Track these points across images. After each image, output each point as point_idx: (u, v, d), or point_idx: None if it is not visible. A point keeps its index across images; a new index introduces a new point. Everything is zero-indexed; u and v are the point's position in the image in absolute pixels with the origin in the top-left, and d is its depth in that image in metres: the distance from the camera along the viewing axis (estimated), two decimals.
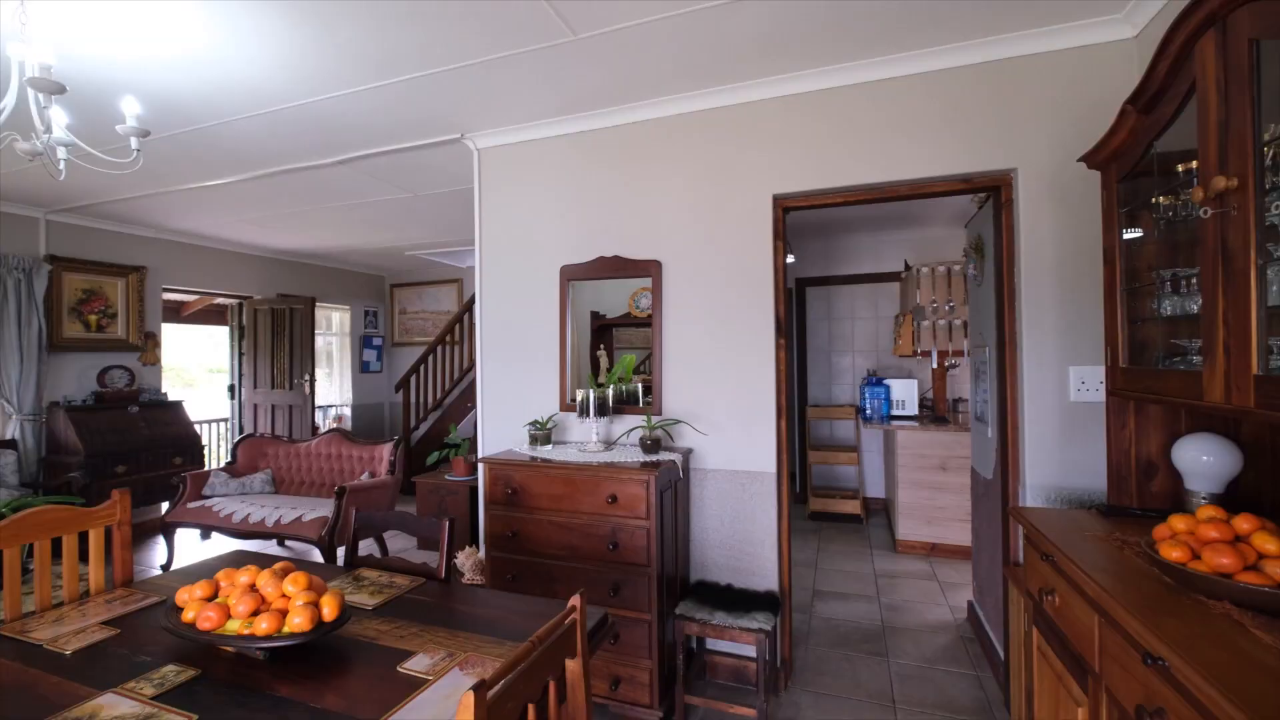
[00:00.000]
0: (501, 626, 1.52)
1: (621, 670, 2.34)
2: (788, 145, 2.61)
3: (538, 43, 2.26)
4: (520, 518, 2.49)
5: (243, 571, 1.46)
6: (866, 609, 3.43)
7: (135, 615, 1.59)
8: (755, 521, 2.65)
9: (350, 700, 1.20)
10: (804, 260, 5.76)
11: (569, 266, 2.99)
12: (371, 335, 7.77)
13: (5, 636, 1.47)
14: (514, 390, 3.12)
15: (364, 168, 3.68)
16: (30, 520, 1.65)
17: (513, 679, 1.01)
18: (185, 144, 3.24)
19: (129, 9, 2.02)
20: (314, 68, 2.43)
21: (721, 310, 2.71)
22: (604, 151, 2.94)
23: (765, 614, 2.36)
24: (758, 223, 2.66)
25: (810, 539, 4.74)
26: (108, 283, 5.04)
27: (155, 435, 4.87)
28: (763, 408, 2.64)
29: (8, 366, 4.29)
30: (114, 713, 1.15)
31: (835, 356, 5.82)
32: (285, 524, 3.86)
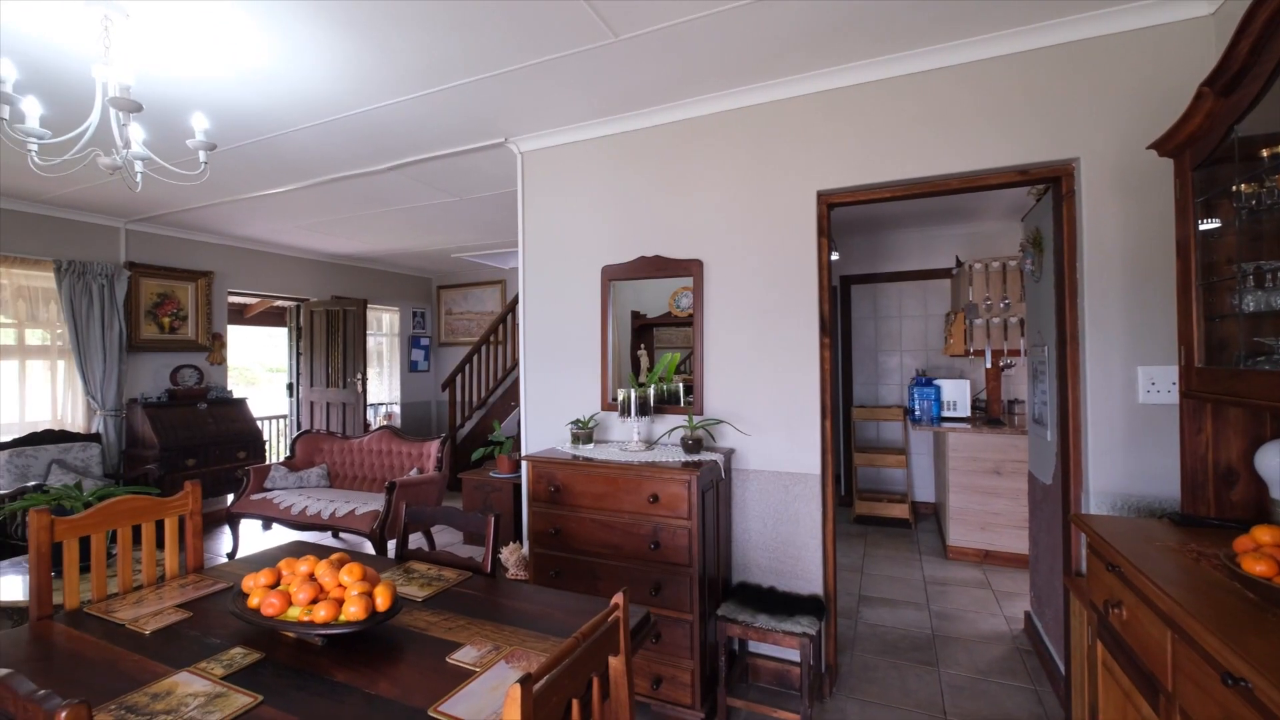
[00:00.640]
0: (545, 622, 1.55)
1: (663, 670, 2.34)
2: (831, 140, 2.56)
3: (579, 45, 2.28)
4: (563, 515, 2.52)
5: (302, 561, 1.53)
6: (916, 616, 3.32)
7: (206, 600, 1.69)
8: (799, 524, 2.61)
9: (403, 688, 1.24)
10: (849, 257, 5.63)
11: (610, 267, 3.01)
12: (419, 335, 8.02)
13: (92, 615, 1.59)
14: (556, 389, 3.17)
15: (412, 173, 3.80)
16: (114, 508, 1.77)
17: (558, 674, 1.02)
18: (248, 155, 3.42)
19: (197, 30, 2.14)
20: (366, 78, 2.52)
21: (764, 309, 2.68)
22: (644, 151, 2.95)
23: (809, 618, 2.32)
24: (801, 220, 2.61)
25: (856, 543, 4.62)
26: (179, 287, 5.37)
27: (221, 431, 5.16)
28: (807, 408, 2.59)
29: (93, 366, 4.63)
30: (188, 690, 1.22)
31: (882, 356, 5.66)
32: (340, 517, 4.02)
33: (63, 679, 1.28)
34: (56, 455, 4.26)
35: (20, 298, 4.40)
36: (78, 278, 4.55)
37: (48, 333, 4.55)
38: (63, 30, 2.10)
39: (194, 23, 2.09)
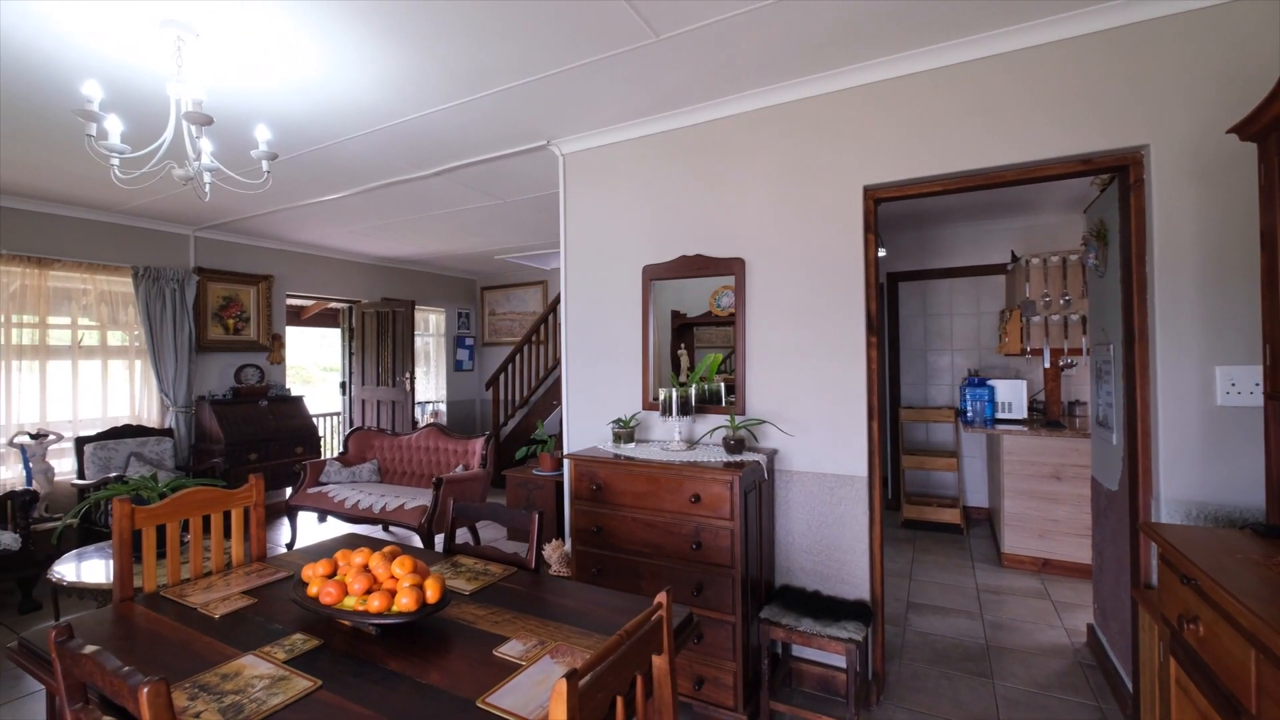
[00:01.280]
0: (589, 618, 1.56)
1: (705, 670, 2.33)
2: (878, 134, 2.49)
3: (620, 46, 2.29)
4: (605, 513, 2.54)
5: (357, 553, 1.60)
6: (968, 625, 3.20)
7: (269, 587, 1.78)
8: (844, 527, 2.55)
9: (452, 678, 1.28)
10: (896, 253, 5.46)
11: (651, 266, 3.01)
12: (464, 335, 8.22)
13: (167, 598, 1.70)
14: (597, 389, 3.19)
15: (457, 178, 3.90)
16: (187, 499, 1.89)
17: (602, 670, 1.03)
18: (305, 164, 3.58)
19: (257, 45, 2.25)
20: (414, 86, 2.60)
21: (808, 307, 2.63)
22: (686, 150, 2.94)
23: (855, 623, 2.27)
24: (846, 216, 2.55)
25: (904, 548, 4.49)
26: (242, 290, 5.67)
27: (280, 427, 5.42)
28: (853, 409, 2.53)
29: (166, 365, 4.94)
30: (254, 672, 1.29)
31: (932, 355, 5.47)
32: (390, 511, 4.17)
33: (143, 657, 1.37)
34: (134, 448, 4.57)
35: (103, 302, 4.73)
36: (152, 282, 4.86)
37: (126, 334, 4.88)
38: (140, 52, 2.25)
39: (254, 38, 2.20)
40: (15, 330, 4.27)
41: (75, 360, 4.61)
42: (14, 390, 4.26)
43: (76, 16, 2.03)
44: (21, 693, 2.66)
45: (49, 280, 4.43)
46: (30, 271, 4.32)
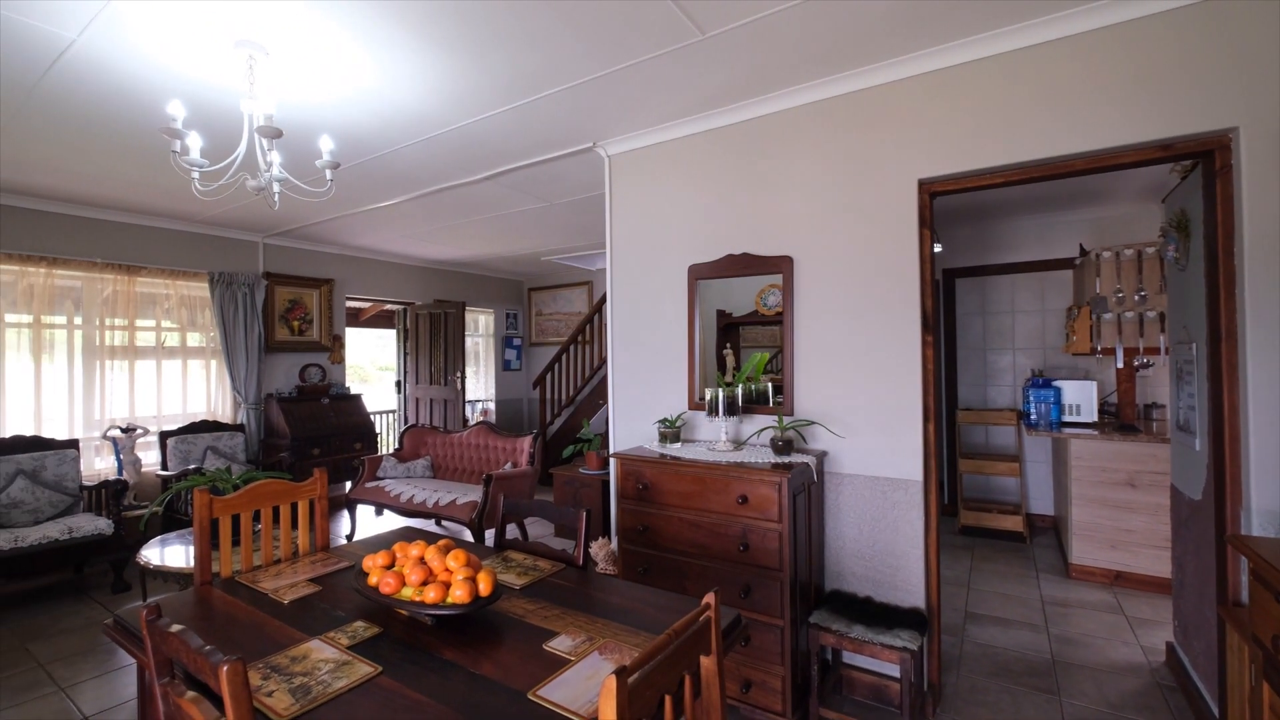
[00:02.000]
0: (636, 617, 1.57)
1: (753, 674, 2.30)
2: (934, 125, 2.40)
3: (666, 46, 2.29)
4: (651, 513, 2.54)
5: (413, 545, 1.66)
6: (1032, 639, 3.05)
7: (332, 576, 1.87)
8: (898, 532, 2.47)
9: (504, 670, 1.31)
10: (953, 249, 5.25)
11: (697, 265, 3.00)
12: (512, 336, 8.40)
13: (241, 584, 1.80)
14: (643, 388, 3.20)
15: (506, 181, 3.99)
16: (258, 491, 2.00)
17: (651, 668, 1.03)
18: (363, 172, 3.74)
19: (320, 60, 2.36)
20: (465, 94, 2.67)
21: (859, 306, 2.56)
22: (732, 148, 2.91)
23: (910, 632, 2.19)
24: (900, 211, 2.47)
25: (961, 555, 4.31)
26: (306, 293, 5.97)
27: (341, 424, 5.68)
28: (907, 410, 2.45)
29: (238, 364, 5.26)
30: (321, 656, 1.36)
31: (991, 355, 5.23)
32: (442, 505, 4.30)
33: (220, 637, 1.47)
34: (210, 443, 4.88)
35: (183, 305, 5.08)
36: (226, 287, 5.18)
37: (203, 335, 5.22)
38: (217, 71, 2.40)
39: (317, 54, 2.31)
40: (108, 332, 4.63)
41: (159, 360, 4.96)
42: (107, 388, 4.62)
43: (161, 41, 2.18)
44: (115, 665, 2.89)
45: (137, 286, 4.78)
46: (121, 278, 4.68)
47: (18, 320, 4.22)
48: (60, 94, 2.61)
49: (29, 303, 4.25)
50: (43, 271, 4.29)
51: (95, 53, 2.26)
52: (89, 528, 3.72)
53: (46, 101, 2.68)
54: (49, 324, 4.35)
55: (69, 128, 2.97)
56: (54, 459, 4.04)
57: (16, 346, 4.23)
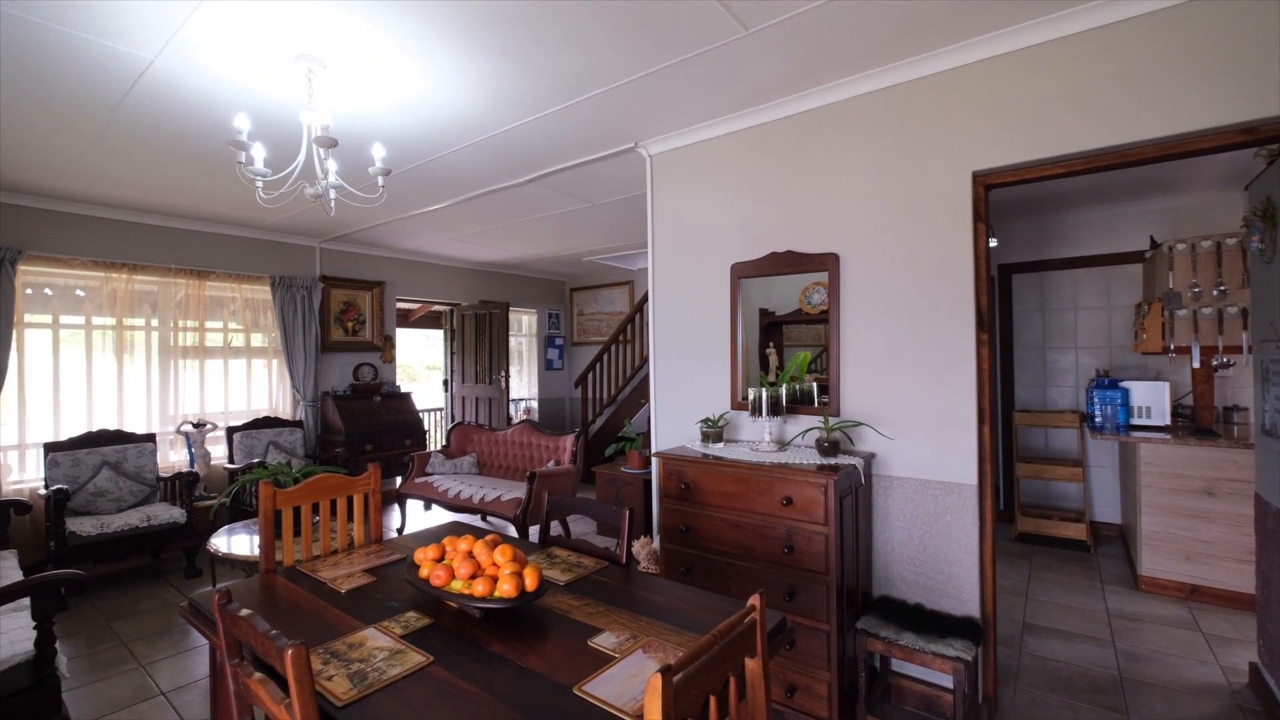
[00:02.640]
0: (680, 616, 1.57)
1: (797, 679, 2.27)
2: (990, 114, 2.30)
3: (709, 43, 2.28)
4: (693, 513, 2.53)
5: (462, 540, 1.70)
6: (1097, 653, 2.89)
7: (386, 567, 1.94)
8: (950, 538, 2.38)
9: (550, 664, 1.33)
10: (1009, 243, 5.02)
11: (739, 264, 2.97)
12: (554, 335, 8.52)
13: (302, 572, 1.89)
14: (685, 388, 3.19)
15: (548, 183, 4.04)
16: (317, 484, 2.10)
17: (696, 668, 1.03)
18: (413, 177, 3.86)
19: (371, 71, 2.45)
20: (509, 98, 2.72)
21: (909, 303, 2.48)
22: (775, 144, 2.87)
23: (964, 641, 2.11)
24: (953, 205, 2.38)
25: (1018, 564, 4.12)
26: (359, 295, 6.21)
27: (391, 421, 5.88)
28: (960, 411, 2.36)
29: (297, 363, 5.52)
30: (376, 643, 1.41)
31: (1051, 354, 4.98)
32: (488, 502, 4.40)
33: (284, 622, 1.54)
34: (272, 438, 5.14)
35: (247, 308, 5.37)
36: (286, 290, 5.45)
37: (265, 336, 5.51)
38: (278, 85, 2.52)
39: (369, 64, 2.40)
40: (180, 333, 4.94)
41: (226, 360, 5.26)
42: (180, 385, 4.93)
43: (229, 58, 2.31)
44: (189, 646, 3.08)
45: (206, 290, 5.08)
46: (192, 282, 4.98)
47: (103, 322, 4.55)
48: (140, 112, 2.79)
49: (112, 306, 4.58)
50: (124, 277, 4.61)
51: (170, 72, 2.42)
52: (165, 516, 3.98)
53: (128, 119, 2.88)
54: (129, 326, 4.68)
55: (148, 143, 3.19)
56: (134, 451, 4.34)
57: (102, 347, 4.56)
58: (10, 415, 4.13)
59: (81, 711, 2.47)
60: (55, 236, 4.30)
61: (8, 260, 3.97)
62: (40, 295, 4.31)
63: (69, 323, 4.43)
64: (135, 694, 2.64)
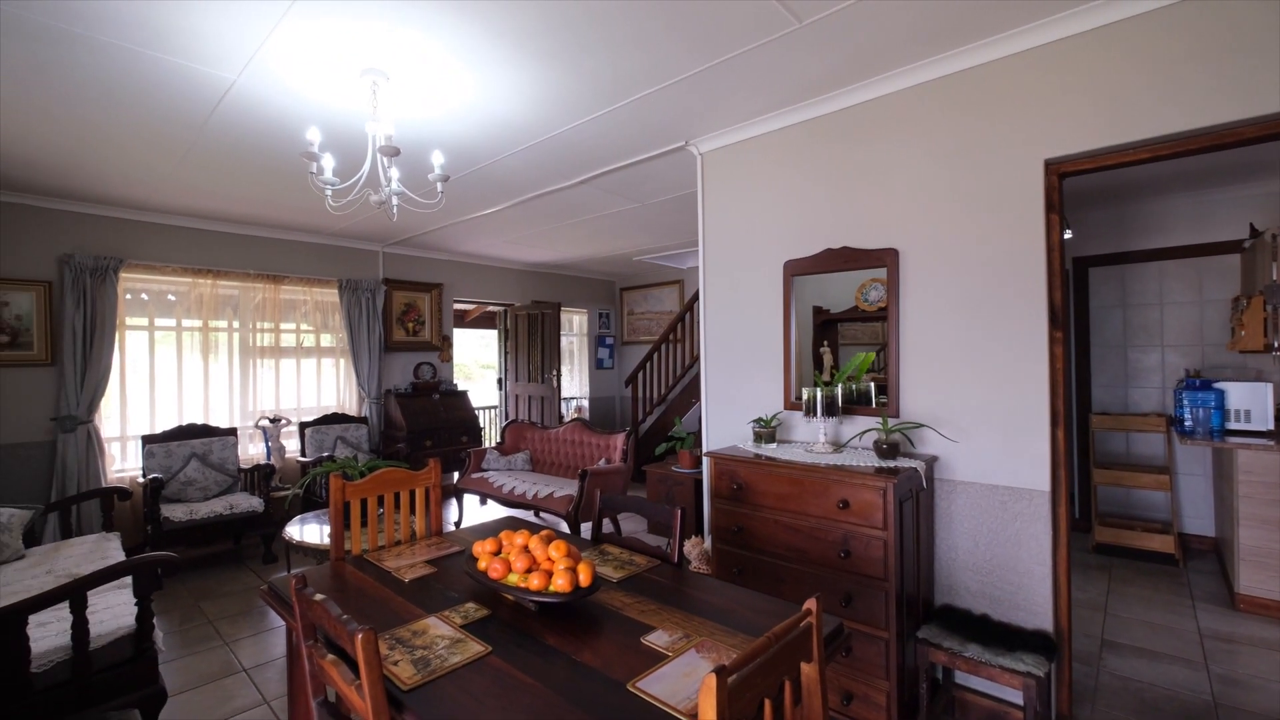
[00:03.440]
0: (733, 617, 1.56)
1: (854, 686, 2.21)
2: (1064, 98, 2.16)
3: (761, 38, 2.24)
4: (745, 514, 2.51)
5: (518, 535, 1.74)
6: (1187, 676, 2.67)
7: (446, 559, 2.01)
8: (1020, 546, 2.26)
9: (604, 660, 1.34)
10: (1085, 235, 4.71)
11: (792, 261, 2.91)
12: (604, 335, 8.60)
13: (369, 561, 1.99)
14: (737, 387, 3.16)
15: (599, 185, 4.08)
16: (383, 478, 2.20)
17: (751, 670, 1.02)
18: (469, 182, 3.98)
19: (429, 81, 2.54)
20: (561, 101, 2.77)
21: (975, 300, 2.37)
22: (830, 137, 2.80)
23: (1035, 656, 2.00)
24: (1023, 195, 2.26)
25: (1095, 576, 3.87)
26: (419, 297, 6.46)
27: (449, 418, 6.09)
28: (1031, 413, 2.23)
29: (362, 362, 5.80)
30: (437, 632, 1.47)
31: (1134, 352, 4.64)
32: (541, 498, 4.49)
33: (353, 608, 1.63)
34: (339, 433, 5.42)
35: (317, 310, 5.68)
36: (352, 293, 5.73)
37: (333, 336, 5.81)
38: (346, 98, 2.66)
39: (427, 75, 2.49)
40: (258, 334, 5.28)
41: (298, 359, 5.58)
42: (258, 383, 5.27)
43: (302, 75, 2.45)
44: (268, 627, 3.29)
45: (280, 293, 5.41)
46: (268, 286, 5.31)
47: (191, 324, 4.92)
48: (223, 129, 3.00)
49: (199, 309, 4.94)
50: (209, 282, 4.97)
51: (250, 91, 2.58)
52: (245, 505, 4.26)
53: (213, 136, 3.10)
54: (214, 327, 5.03)
55: (230, 157, 3.42)
56: (219, 444, 4.67)
57: (190, 347, 4.93)
58: (113, 409, 4.52)
59: (174, 683, 2.68)
60: (150, 246, 4.68)
61: (111, 268, 4.35)
62: (138, 300, 4.71)
63: (162, 325, 4.82)
64: (220, 669, 2.84)
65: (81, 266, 4.22)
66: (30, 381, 4.16)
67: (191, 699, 2.60)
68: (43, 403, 4.19)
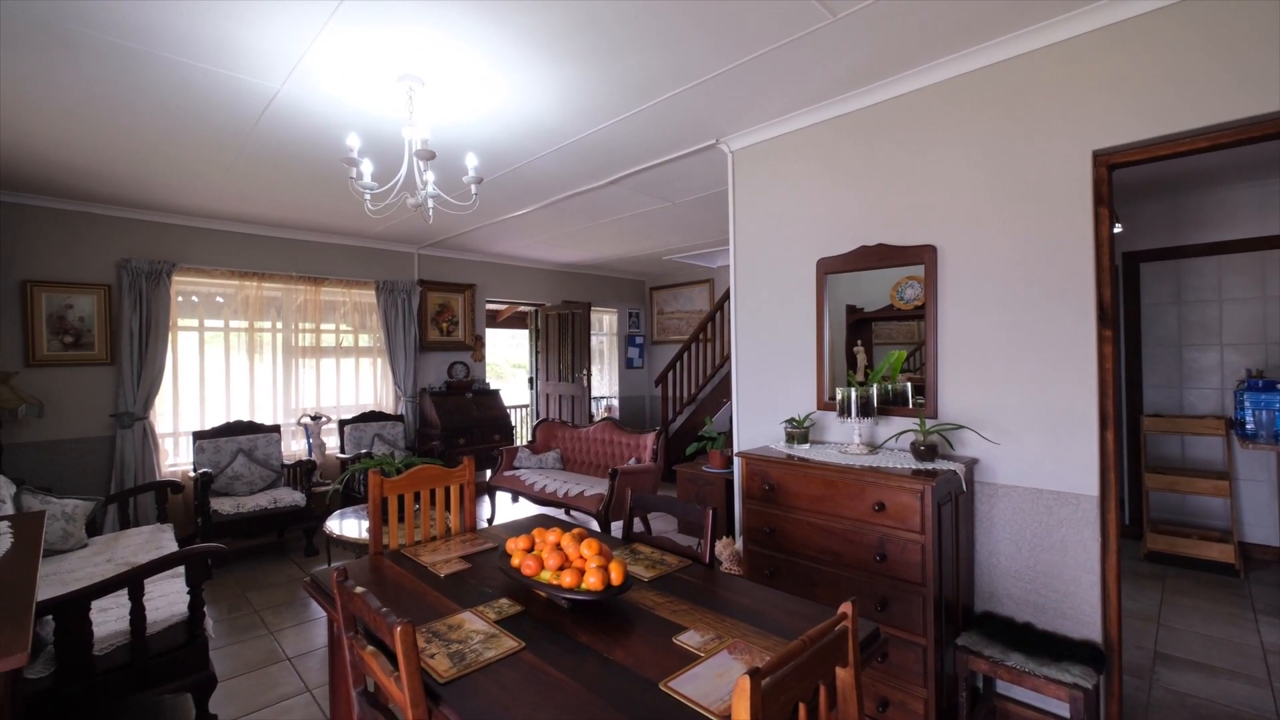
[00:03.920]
0: (765, 619, 1.54)
1: (891, 693, 2.16)
2: (1113, 85, 2.07)
3: (793, 33, 2.21)
4: (777, 515, 2.48)
5: (550, 532, 1.76)
6: (1249, 693, 2.53)
7: (480, 555, 2.04)
8: (1066, 552, 2.17)
9: (635, 658, 1.35)
10: (1136, 228, 4.51)
11: (826, 259, 2.87)
12: (634, 334, 8.62)
13: (405, 556, 2.03)
14: (768, 387, 3.13)
15: (629, 184, 4.09)
16: (419, 474, 2.24)
17: (785, 673, 1.01)
18: (501, 184, 4.04)
19: (462, 86, 2.58)
20: (592, 102, 2.78)
21: (1017, 298, 2.29)
22: (864, 132, 2.74)
23: (1082, 667, 1.92)
24: (1070, 188, 2.17)
25: (1148, 586, 3.70)
26: (452, 298, 6.58)
27: (482, 416, 6.19)
28: (1078, 414, 2.15)
29: (398, 362, 5.94)
30: (472, 627, 1.49)
31: (1190, 352, 4.42)
32: (572, 496, 4.53)
33: (390, 601, 1.67)
34: (377, 430, 5.56)
35: (355, 311, 5.84)
36: (389, 294, 5.87)
37: (370, 337, 5.97)
38: (383, 104, 2.72)
39: (460, 80, 2.53)
40: (299, 334, 5.46)
41: (338, 358, 5.75)
42: (299, 381, 5.45)
43: (342, 83, 2.52)
44: (310, 617, 3.40)
45: (321, 295, 5.58)
46: (309, 288, 5.49)
47: (237, 325, 5.12)
48: (268, 137, 3.11)
49: (245, 310, 5.14)
50: (254, 285, 5.16)
51: (293, 99, 2.67)
52: (288, 500, 4.41)
53: (259, 144, 3.21)
54: (258, 328, 5.23)
55: (275, 165, 3.54)
56: (263, 440, 4.85)
57: (236, 347, 5.13)
58: (167, 407, 4.74)
59: (222, 669, 2.79)
60: (200, 250, 4.89)
61: (164, 272, 4.56)
62: (189, 302, 4.92)
63: (211, 325, 5.03)
64: (265, 657, 2.95)
65: (137, 270, 4.44)
66: (92, 380, 4.39)
67: (239, 685, 2.70)
68: (103, 400, 4.42)
